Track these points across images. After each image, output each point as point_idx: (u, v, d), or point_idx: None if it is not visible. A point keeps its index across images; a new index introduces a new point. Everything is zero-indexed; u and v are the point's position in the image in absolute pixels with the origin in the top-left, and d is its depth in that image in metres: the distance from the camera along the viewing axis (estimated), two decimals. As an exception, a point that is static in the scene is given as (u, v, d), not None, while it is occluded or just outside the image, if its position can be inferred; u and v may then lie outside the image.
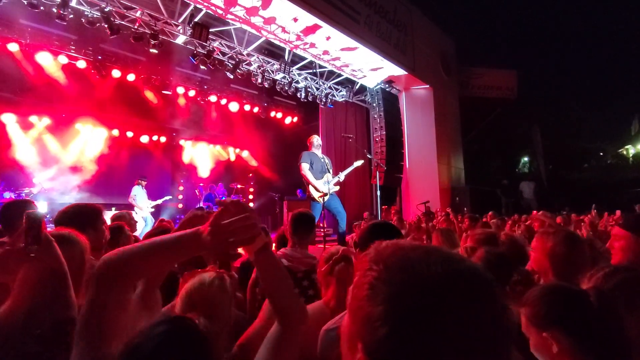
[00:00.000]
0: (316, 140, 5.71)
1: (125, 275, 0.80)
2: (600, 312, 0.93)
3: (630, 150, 18.81)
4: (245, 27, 7.15)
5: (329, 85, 9.67)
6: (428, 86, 10.63)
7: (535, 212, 7.20)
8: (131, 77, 8.25)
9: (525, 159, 21.03)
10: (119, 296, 0.78)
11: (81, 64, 7.54)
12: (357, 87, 10.03)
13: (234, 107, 10.30)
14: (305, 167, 5.38)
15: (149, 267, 0.87)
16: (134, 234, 2.95)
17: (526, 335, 1.07)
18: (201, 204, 9.41)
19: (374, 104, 10.09)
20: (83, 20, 5.93)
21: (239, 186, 12.17)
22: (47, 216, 7.88)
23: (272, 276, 0.93)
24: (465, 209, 9.89)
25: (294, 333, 0.94)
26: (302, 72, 9.03)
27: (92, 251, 1.90)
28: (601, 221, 3.74)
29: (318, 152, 5.66)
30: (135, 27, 6.43)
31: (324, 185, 5.39)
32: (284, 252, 2.11)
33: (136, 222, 3.64)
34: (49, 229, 1.42)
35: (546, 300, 1.02)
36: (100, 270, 0.79)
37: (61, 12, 5.54)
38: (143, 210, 7.84)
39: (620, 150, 19.40)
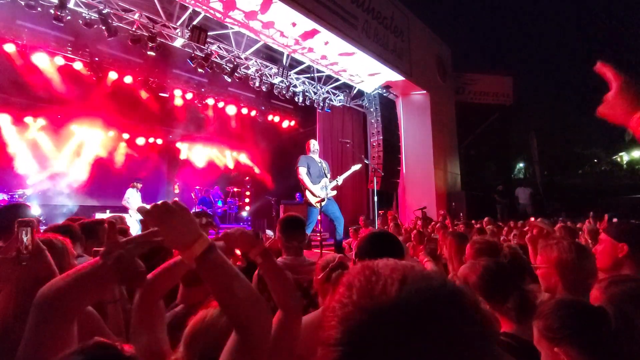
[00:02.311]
0: (313, 145, 5.70)
1: (61, 309, 0.77)
2: (617, 330, 0.90)
3: (624, 157, 19.01)
4: (243, 30, 7.16)
5: (326, 89, 9.69)
6: (425, 92, 10.69)
7: (532, 218, 7.21)
8: (128, 79, 8.22)
9: (521, 164, 21.17)
10: (57, 331, 0.73)
11: (78, 65, 7.50)
12: (354, 92, 10.06)
13: (231, 110, 10.29)
14: (302, 172, 5.36)
15: (80, 302, 0.82)
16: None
17: (538, 349, 1.05)
18: (195, 208, 9.36)
19: (371, 109, 10.11)
20: (80, 22, 5.90)
21: (235, 189, 12.15)
22: (41, 219, 7.80)
23: (224, 282, 0.80)
24: (461, 214, 9.92)
25: (255, 342, 0.82)
26: (300, 76, 9.06)
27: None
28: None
29: (315, 156, 5.65)
30: (133, 29, 6.42)
31: (321, 190, 5.38)
32: (283, 263, 2.01)
33: (128, 227, 3.59)
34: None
35: (560, 315, 0.99)
36: (37, 303, 0.76)
37: (59, 13, 5.51)
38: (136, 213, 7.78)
39: (614, 157, 19.60)
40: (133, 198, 7.79)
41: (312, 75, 9.19)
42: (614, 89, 0.77)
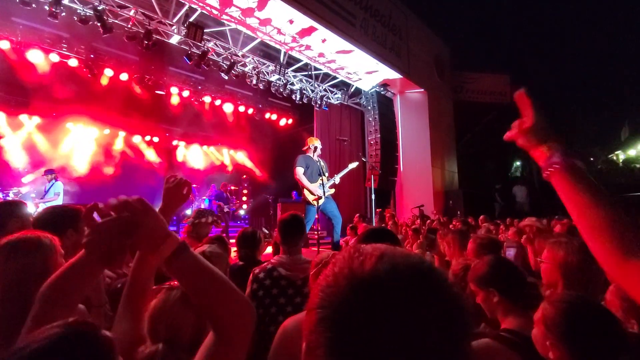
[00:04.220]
0: (313, 143, 5.66)
1: (61, 298, 0.84)
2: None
3: (620, 156, 19.10)
4: (240, 28, 7.12)
5: (324, 87, 9.66)
6: (422, 90, 10.68)
7: (534, 219, 7.24)
8: (124, 76, 8.14)
9: (518, 163, 21.26)
10: (57, 317, 0.74)
11: (73, 62, 7.43)
12: (352, 90, 10.04)
13: (228, 108, 10.24)
14: (299, 171, 5.36)
15: (77, 289, 0.88)
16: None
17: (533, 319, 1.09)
18: (210, 203, 9.34)
19: (369, 107, 10.10)
20: (75, 19, 5.85)
21: (232, 188, 12.10)
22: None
23: (199, 284, 0.76)
24: (458, 212, 9.94)
25: (233, 345, 0.77)
26: (298, 74, 9.02)
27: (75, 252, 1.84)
28: None
29: (315, 155, 5.62)
30: (129, 26, 6.37)
31: (318, 188, 5.37)
32: (279, 260, 2.03)
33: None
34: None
35: (566, 319, 0.99)
36: (39, 296, 0.83)
37: (53, 9, 5.46)
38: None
39: (610, 156, 19.69)
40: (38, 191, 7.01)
41: (310, 73, 9.16)
42: (526, 120, 0.86)
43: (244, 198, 12.98)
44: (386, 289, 0.39)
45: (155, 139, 11.68)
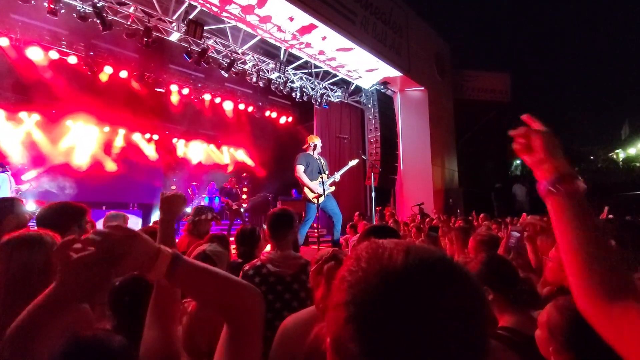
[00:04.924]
0: (313, 141, 5.65)
1: (30, 340, 0.76)
2: None
3: (620, 154, 19.09)
4: (240, 25, 7.10)
5: (324, 85, 9.64)
6: (423, 88, 10.67)
7: (524, 215, 7.23)
8: (124, 74, 8.12)
9: (517, 161, 21.26)
10: None
11: (72, 59, 7.40)
12: (352, 87, 10.02)
13: (228, 106, 10.22)
14: (300, 169, 5.36)
15: (48, 328, 0.77)
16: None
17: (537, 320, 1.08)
18: (210, 201, 9.30)
19: (369, 105, 10.09)
20: (75, 16, 5.82)
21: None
22: (35, 215, 7.71)
23: (200, 287, 0.76)
24: (458, 210, 9.94)
25: (247, 331, 0.78)
26: (298, 71, 8.99)
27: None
28: None
29: (315, 153, 5.62)
30: (128, 23, 6.34)
31: (319, 186, 5.37)
32: (267, 257, 2.00)
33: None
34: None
35: (571, 326, 0.97)
36: (6, 341, 0.75)
37: (52, 6, 5.43)
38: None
39: (610, 154, 19.69)
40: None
41: (310, 70, 9.14)
42: (536, 129, 0.81)
43: (244, 196, 12.98)
44: (419, 283, 0.40)
45: (155, 137, 11.66)
